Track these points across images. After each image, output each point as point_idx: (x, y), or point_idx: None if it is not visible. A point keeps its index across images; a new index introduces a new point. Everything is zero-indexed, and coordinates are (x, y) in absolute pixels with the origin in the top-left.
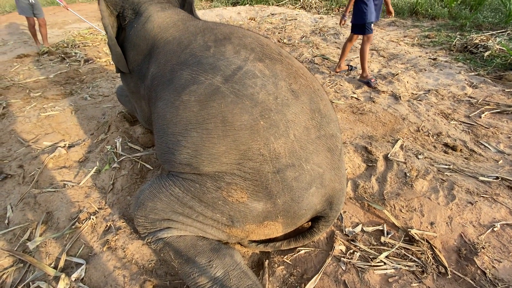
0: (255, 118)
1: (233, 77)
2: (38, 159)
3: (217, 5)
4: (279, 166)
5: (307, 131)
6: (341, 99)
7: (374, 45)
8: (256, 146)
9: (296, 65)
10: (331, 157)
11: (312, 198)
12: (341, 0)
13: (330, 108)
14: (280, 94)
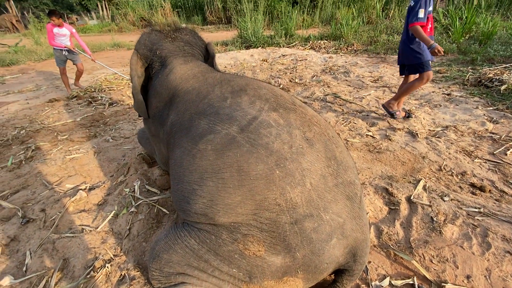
0: (270, 168)
1: (249, 127)
2: (60, 203)
3: (231, 48)
4: (297, 216)
5: (323, 179)
6: (356, 137)
7: (385, 82)
8: (272, 196)
9: (310, 114)
10: (351, 206)
11: (334, 250)
12: (349, 40)
13: (346, 154)
14: (294, 143)
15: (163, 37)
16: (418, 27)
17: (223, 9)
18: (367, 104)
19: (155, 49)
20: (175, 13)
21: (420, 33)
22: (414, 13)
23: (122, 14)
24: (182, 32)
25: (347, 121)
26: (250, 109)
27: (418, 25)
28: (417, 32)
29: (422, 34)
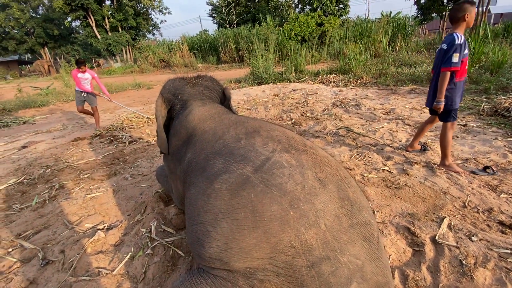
0: (284, 208)
1: (262, 167)
2: (79, 243)
3: (244, 85)
4: (313, 259)
5: (338, 220)
6: (372, 172)
7: (397, 114)
8: (287, 238)
9: (321, 154)
10: (368, 247)
11: None
12: (358, 73)
13: (360, 194)
14: (307, 183)
15: (185, 83)
16: (447, 75)
17: (236, 50)
18: (380, 137)
19: (178, 93)
20: (192, 55)
21: (445, 81)
22: (448, 57)
23: (144, 57)
24: (202, 78)
25: (362, 155)
26: (264, 150)
27: (451, 70)
28: (444, 78)
29: (444, 84)
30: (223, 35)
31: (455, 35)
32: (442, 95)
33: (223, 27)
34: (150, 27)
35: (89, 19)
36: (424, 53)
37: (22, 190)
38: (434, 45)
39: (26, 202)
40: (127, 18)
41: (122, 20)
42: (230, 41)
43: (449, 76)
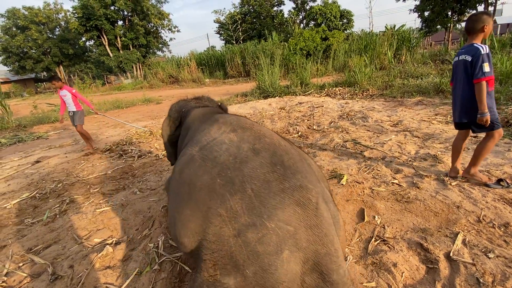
0: (213, 177)
1: (206, 146)
2: (88, 259)
3: (251, 99)
4: (239, 227)
5: (267, 184)
6: (382, 185)
7: (405, 126)
8: (214, 205)
9: (264, 130)
10: (302, 213)
11: (289, 265)
12: (364, 85)
13: (297, 160)
14: (240, 154)
15: (188, 101)
16: (483, 85)
17: (242, 64)
18: (389, 149)
19: (182, 109)
20: (200, 70)
21: (483, 92)
22: (478, 68)
23: (153, 73)
24: (201, 98)
25: (370, 168)
26: (215, 133)
27: (486, 80)
28: (481, 89)
29: (483, 95)
30: (229, 51)
31: (477, 45)
32: (485, 106)
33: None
34: (160, 44)
35: (102, 38)
36: (430, 65)
37: (34, 204)
38: (440, 56)
39: (37, 217)
40: (138, 36)
41: (133, 39)
42: (237, 56)
43: (485, 86)
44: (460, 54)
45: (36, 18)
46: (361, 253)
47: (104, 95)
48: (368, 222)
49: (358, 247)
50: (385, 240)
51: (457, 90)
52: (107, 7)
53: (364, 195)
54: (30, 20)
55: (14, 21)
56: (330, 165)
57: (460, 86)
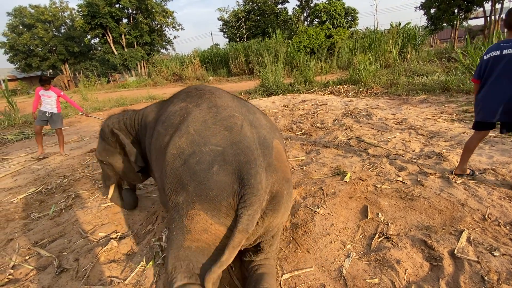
0: (171, 134)
1: (166, 119)
2: (93, 252)
3: (254, 96)
4: (184, 157)
5: (204, 122)
6: (385, 183)
7: (410, 124)
8: (170, 150)
9: (208, 88)
10: (229, 134)
11: (218, 176)
12: (368, 83)
13: (229, 101)
14: (187, 112)
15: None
16: None
17: (246, 62)
18: (393, 147)
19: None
20: (203, 68)
21: None
22: None
23: (157, 71)
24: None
25: (374, 165)
26: (170, 108)
27: None
28: None
29: None
30: (233, 49)
31: None
32: None
33: (233, 41)
34: (164, 42)
35: (107, 36)
36: (436, 63)
37: (40, 199)
38: (446, 54)
39: (43, 211)
40: (142, 34)
41: (138, 37)
42: (240, 54)
43: None
44: (505, 48)
45: (42, 16)
46: (364, 249)
47: (109, 93)
48: (372, 219)
49: (361, 244)
50: (389, 237)
51: (497, 87)
52: (112, 5)
53: (368, 193)
54: (36, 18)
55: (20, 19)
56: (333, 162)
57: (505, 82)
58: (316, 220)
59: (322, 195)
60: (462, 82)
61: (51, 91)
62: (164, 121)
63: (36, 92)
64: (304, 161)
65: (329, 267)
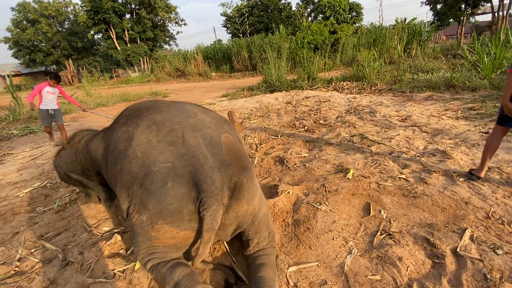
0: (121, 162)
1: (111, 143)
2: (97, 246)
3: (257, 93)
4: (139, 181)
5: (149, 143)
6: (388, 180)
7: (414, 121)
8: (125, 177)
9: (157, 105)
10: (174, 149)
11: (174, 190)
12: (372, 80)
13: (165, 112)
14: (129, 135)
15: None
16: None
17: (249, 58)
18: (396, 144)
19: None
20: (206, 64)
21: None
22: None
23: (160, 67)
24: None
25: (377, 163)
26: (114, 135)
27: None
28: None
29: None
30: (236, 44)
31: None
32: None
33: (236, 36)
34: (167, 38)
35: (110, 31)
36: (441, 59)
37: (45, 193)
38: (452, 50)
39: (48, 205)
40: (145, 30)
41: (141, 32)
42: (243, 50)
43: None
44: None
45: (45, 11)
46: (366, 246)
47: (112, 88)
48: (374, 216)
49: (363, 241)
50: (391, 234)
51: None
52: (115, 0)
53: (370, 190)
54: (40, 14)
55: (24, 15)
56: (336, 159)
57: None
58: (318, 216)
59: (325, 192)
60: (468, 79)
61: (56, 88)
62: (112, 150)
63: (38, 88)
64: (307, 158)
65: (330, 263)
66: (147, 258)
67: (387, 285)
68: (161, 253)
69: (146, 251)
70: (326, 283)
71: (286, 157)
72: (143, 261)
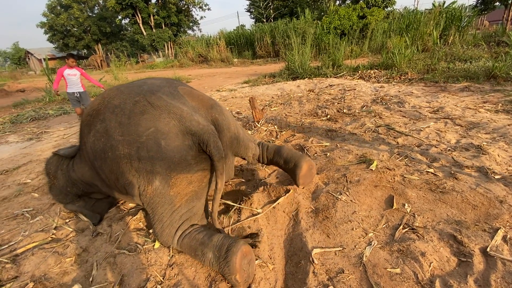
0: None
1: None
2: (124, 220)
3: (279, 80)
4: (136, 156)
5: (121, 124)
6: (414, 173)
7: (446, 113)
8: (121, 162)
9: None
10: (148, 115)
11: (170, 146)
12: (402, 68)
13: (118, 95)
14: (105, 131)
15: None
16: None
17: (272, 44)
18: (426, 137)
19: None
20: (229, 50)
21: None
22: None
23: (184, 52)
24: None
25: (403, 155)
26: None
27: None
28: None
29: None
30: (259, 30)
31: None
32: None
33: (260, 21)
34: (191, 23)
35: (136, 16)
36: (483, 47)
37: None
38: (496, 37)
39: None
40: (170, 15)
41: (166, 17)
42: (267, 35)
43: None
44: None
45: None
46: (387, 239)
47: (138, 73)
48: (397, 210)
49: (384, 233)
50: (414, 228)
51: None
52: None
53: (395, 182)
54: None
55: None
56: (359, 149)
57: None
58: (338, 206)
59: (346, 182)
60: None
61: (75, 69)
62: (96, 156)
63: (60, 73)
64: (328, 147)
65: (349, 253)
66: (175, 228)
67: (407, 279)
68: (187, 214)
69: (172, 220)
70: (343, 272)
71: (306, 146)
72: (170, 234)
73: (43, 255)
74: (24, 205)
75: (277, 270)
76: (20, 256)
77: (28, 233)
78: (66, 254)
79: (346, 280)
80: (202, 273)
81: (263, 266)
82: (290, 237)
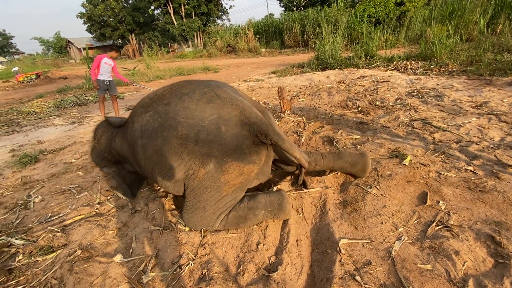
0: (161, 135)
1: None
2: (159, 200)
3: (307, 70)
4: (194, 138)
5: (187, 108)
6: (452, 171)
7: (491, 108)
8: (175, 143)
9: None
10: (214, 105)
11: (229, 132)
12: (442, 59)
13: (191, 86)
14: (166, 112)
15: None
16: None
17: (301, 33)
18: (466, 133)
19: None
20: (257, 39)
21: None
22: None
23: (212, 42)
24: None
25: (439, 151)
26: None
27: None
28: None
29: None
30: (289, 19)
31: None
32: None
33: (290, 10)
34: (220, 12)
35: (168, 6)
36: None
37: None
38: None
39: None
40: (200, 4)
41: (196, 7)
42: (296, 24)
43: None
44: None
45: None
46: (418, 235)
47: (168, 63)
48: (430, 206)
49: (415, 229)
50: (449, 227)
51: None
52: None
53: (429, 179)
54: None
55: None
56: (392, 144)
57: None
58: (368, 199)
59: (376, 176)
60: None
61: (111, 60)
62: (142, 135)
63: (98, 59)
64: (359, 140)
65: (377, 246)
66: (218, 212)
67: (438, 276)
68: (231, 202)
69: (215, 208)
70: (370, 263)
71: (335, 138)
72: (211, 221)
73: (88, 227)
74: (70, 181)
75: (303, 256)
76: (68, 227)
77: (75, 207)
78: (108, 227)
79: (374, 272)
80: (232, 254)
81: (290, 252)
82: (317, 227)
